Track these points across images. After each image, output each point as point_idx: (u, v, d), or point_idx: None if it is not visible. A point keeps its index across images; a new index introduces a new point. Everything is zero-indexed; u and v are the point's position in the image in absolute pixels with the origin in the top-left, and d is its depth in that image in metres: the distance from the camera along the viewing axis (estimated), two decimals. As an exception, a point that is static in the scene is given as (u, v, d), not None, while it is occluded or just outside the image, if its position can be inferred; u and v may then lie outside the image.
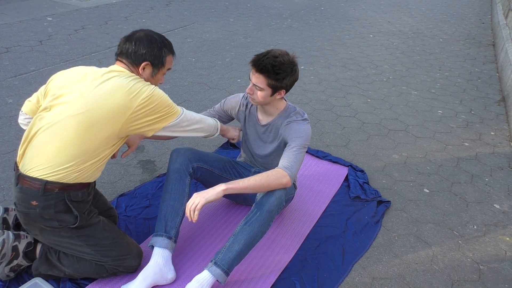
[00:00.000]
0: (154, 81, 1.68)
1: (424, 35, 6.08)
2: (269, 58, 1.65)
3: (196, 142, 2.86)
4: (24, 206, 1.50)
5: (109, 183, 2.36)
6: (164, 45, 1.66)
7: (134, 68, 1.62)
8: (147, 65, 1.62)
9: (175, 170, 1.81)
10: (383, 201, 2.34)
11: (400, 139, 3.09)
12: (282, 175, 1.65)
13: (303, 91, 3.85)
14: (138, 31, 1.65)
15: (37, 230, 1.55)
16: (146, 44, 1.61)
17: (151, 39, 1.63)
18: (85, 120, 1.46)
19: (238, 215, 2.18)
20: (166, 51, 1.67)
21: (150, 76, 1.66)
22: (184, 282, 1.71)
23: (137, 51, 1.60)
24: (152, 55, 1.62)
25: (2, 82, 3.51)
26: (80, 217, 1.56)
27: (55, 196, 1.49)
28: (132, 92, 1.50)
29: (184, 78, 3.94)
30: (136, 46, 1.60)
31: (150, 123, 1.56)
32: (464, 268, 1.95)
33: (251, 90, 1.74)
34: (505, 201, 2.45)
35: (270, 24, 6.16)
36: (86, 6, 6.27)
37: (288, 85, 1.74)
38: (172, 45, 1.70)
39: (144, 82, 1.58)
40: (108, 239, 1.64)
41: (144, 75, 1.64)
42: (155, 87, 1.57)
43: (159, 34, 1.68)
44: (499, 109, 3.72)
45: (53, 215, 1.50)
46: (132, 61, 1.61)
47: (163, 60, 1.66)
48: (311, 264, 1.89)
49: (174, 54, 1.73)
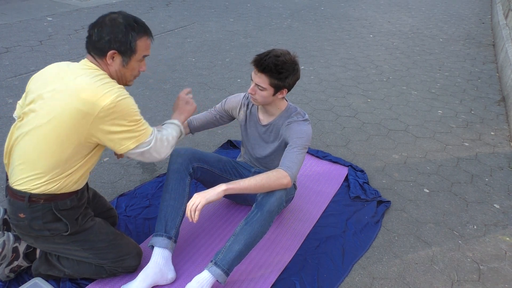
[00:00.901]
0: (129, 72, 1.49)
1: (424, 35, 6.08)
2: (271, 57, 1.65)
3: (196, 142, 2.86)
4: (13, 218, 1.48)
5: (109, 183, 2.36)
6: (131, 27, 1.43)
7: (101, 60, 1.44)
8: (115, 54, 1.43)
9: (175, 170, 1.81)
10: (383, 201, 2.34)
11: (400, 139, 3.09)
12: (282, 176, 1.65)
13: (303, 91, 3.85)
14: (106, 15, 1.45)
15: (32, 239, 1.53)
16: (109, 30, 1.40)
17: (114, 22, 1.41)
18: (50, 131, 1.36)
19: (238, 215, 2.18)
20: (134, 34, 1.43)
21: (121, 67, 1.46)
22: (184, 282, 1.72)
23: (100, 39, 1.40)
24: (117, 41, 1.41)
25: (2, 82, 3.51)
26: (71, 224, 1.51)
27: (42, 207, 1.44)
28: (94, 96, 1.33)
29: (184, 78, 3.94)
30: (99, 33, 1.40)
31: (116, 137, 1.40)
32: (464, 268, 1.95)
33: (253, 90, 1.74)
34: (505, 201, 2.45)
35: (270, 24, 6.16)
36: (86, 6, 6.27)
37: (291, 84, 1.75)
38: (144, 26, 1.48)
39: (112, 84, 1.39)
40: (105, 241, 1.61)
41: (114, 66, 1.45)
42: (124, 96, 1.38)
43: (127, 16, 1.45)
44: (499, 109, 3.72)
45: (42, 225, 1.47)
46: (99, 52, 1.42)
47: (132, 45, 1.44)
48: (311, 264, 1.89)
49: (149, 35, 1.50)
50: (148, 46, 1.50)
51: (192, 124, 1.99)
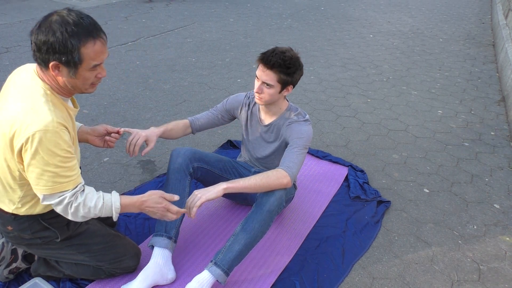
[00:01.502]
0: (80, 82, 1.28)
1: (424, 35, 6.08)
2: (278, 53, 1.67)
3: (196, 142, 2.86)
4: (3, 230, 1.48)
5: (109, 183, 2.36)
6: (69, 34, 1.17)
7: (47, 71, 1.24)
8: (56, 65, 1.21)
9: (175, 170, 1.81)
10: (383, 201, 2.34)
11: (400, 139, 3.09)
12: (282, 176, 1.65)
13: (303, 91, 3.85)
14: (48, 16, 1.20)
15: (25, 247, 1.53)
16: (44, 37, 1.17)
17: (49, 29, 1.17)
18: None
19: (238, 215, 2.17)
20: (75, 42, 1.18)
21: (69, 78, 1.25)
22: (184, 282, 1.71)
23: (38, 49, 1.19)
24: (55, 52, 1.18)
25: (2, 82, 3.51)
26: (61, 231, 1.49)
27: (27, 219, 1.42)
28: (14, 126, 1.18)
29: (184, 78, 3.94)
30: (37, 41, 1.18)
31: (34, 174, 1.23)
32: (464, 268, 1.95)
33: (260, 89, 1.73)
34: (505, 201, 2.45)
35: (270, 24, 6.16)
36: (86, 6, 6.27)
37: (297, 79, 1.76)
38: (88, 27, 1.20)
39: (42, 110, 1.19)
40: (101, 244, 1.60)
41: (61, 77, 1.25)
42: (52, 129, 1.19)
43: (65, 18, 1.18)
44: (499, 109, 3.72)
45: (31, 235, 1.46)
46: (41, 63, 1.22)
47: (75, 55, 1.19)
48: (311, 264, 1.89)
49: (96, 37, 1.23)
50: (98, 51, 1.24)
51: (194, 124, 1.99)
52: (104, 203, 1.37)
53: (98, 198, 1.37)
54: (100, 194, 1.39)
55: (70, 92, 1.33)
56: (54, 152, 1.21)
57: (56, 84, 1.29)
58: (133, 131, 1.73)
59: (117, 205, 1.40)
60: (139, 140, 1.70)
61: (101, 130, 1.67)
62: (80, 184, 1.33)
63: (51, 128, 1.19)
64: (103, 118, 3.04)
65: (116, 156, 2.62)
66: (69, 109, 1.34)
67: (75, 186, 1.31)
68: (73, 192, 1.30)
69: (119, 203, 1.40)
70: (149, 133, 1.76)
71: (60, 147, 1.22)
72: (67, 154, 1.25)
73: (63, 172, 1.25)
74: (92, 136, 1.66)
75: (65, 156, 1.24)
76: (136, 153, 1.71)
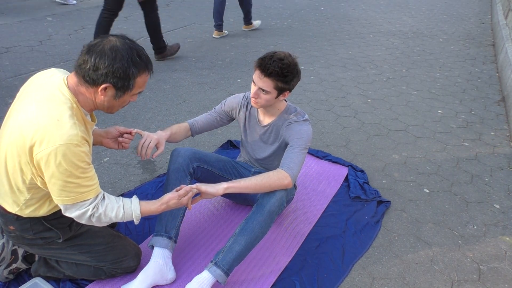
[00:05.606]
0: (118, 104, 1.37)
1: (424, 35, 6.08)
2: (276, 61, 1.65)
3: (196, 142, 2.86)
4: (5, 230, 1.48)
5: (109, 183, 2.36)
6: (133, 63, 1.28)
7: (89, 89, 1.30)
8: (109, 87, 1.29)
9: (175, 170, 1.81)
10: (383, 201, 2.34)
11: (400, 139, 3.09)
12: (283, 176, 1.65)
13: (303, 91, 3.85)
14: (106, 39, 1.28)
15: (27, 246, 1.54)
16: (108, 61, 1.24)
17: (116, 55, 1.25)
18: (4, 158, 1.32)
19: (238, 215, 2.18)
20: (135, 71, 1.29)
21: (112, 99, 1.34)
22: (184, 282, 1.71)
23: (96, 70, 1.25)
24: (114, 76, 1.26)
25: (2, 82, 3.51)
26: (63, 232, 1.50)
27: (30, 220, 1.43)
28: (37, 134, 1.22)
29: (184, 78, 3.94)
30: (96, 62, 1.24)
31: (57, 186, 1.27)
32: (464, 268, 1.95)
33: (256, 94, 1.73)
34: (505, 201, 2.45)
35: (270, 24, 6.16)
36: (86, 6, 6.27)
37: (294, 85, 1.76)
38: (147, 61, 1.34)
39: (68, 123, 1.24)
40: (102, 244, 1.61)
41: (104, 97, 1.32)
42: (76, 143, 1.23)
43: (130, 47, 1.29)
44: (499, 109, 3.72)
45: (33, 235, 1.47)
46: (90, 81, 1.28)
47: (130, 83, 1.30)
48: (311, 264, 1.89)
49: (149, 71, 1.37)
50: (145, 82, 1.38)
51: (194, 127, 1.99)
52: (125, 213, 1.44)
53: (119, 208, 1.43)
54: (120, 203, 1.44)
55: (97, 108, 1.39)
56: (76, 164, 1.26)
57: (90, 100, 1.34)
58: (144, 133, 1.74)
59: (137, 213, 1.46)
60: (151, 143, 1.71)
61: (114, 132, 1.68)
62: (100, 193, 1.39)
63: (75, 142, 1.24)
64: (103, 118, 3.04)
65: (116, 156, 2.63)
66: (87, 123, 1.38)
67: (95, 195, 1.36)
68: (94, 203, 1.36)
69: (139, 211, 1.47)
70: (159, 136, 1.77)
71: (82, 159, 1.27)
72: (87, 165, 1.31)
73: (84, 182, 1.30)
74: (106, 139, 1.68)
75: (85, 168, 1.30)
76: (148, 156, 1.71)
